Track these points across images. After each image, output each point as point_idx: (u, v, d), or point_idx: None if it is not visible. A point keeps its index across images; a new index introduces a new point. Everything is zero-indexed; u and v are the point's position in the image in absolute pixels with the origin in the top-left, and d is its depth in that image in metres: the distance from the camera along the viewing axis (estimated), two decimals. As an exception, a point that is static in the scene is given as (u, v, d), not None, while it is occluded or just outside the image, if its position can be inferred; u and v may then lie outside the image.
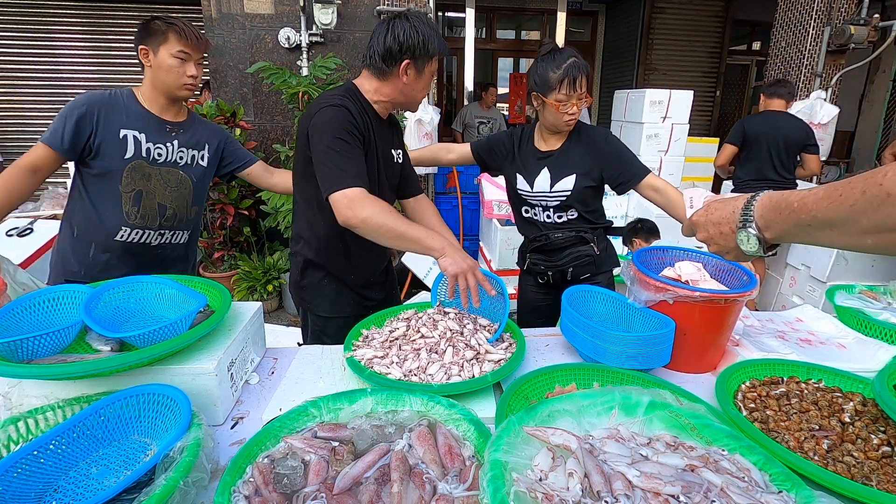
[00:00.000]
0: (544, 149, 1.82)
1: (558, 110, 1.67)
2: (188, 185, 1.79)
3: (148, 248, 1.75)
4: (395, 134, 1.70)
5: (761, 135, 3.43)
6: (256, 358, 1.33)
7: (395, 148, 1.68)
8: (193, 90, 1.72)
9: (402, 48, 1.44)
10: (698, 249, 1.51)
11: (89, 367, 0.94)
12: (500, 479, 0.69)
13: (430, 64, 1.51)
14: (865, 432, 0.99)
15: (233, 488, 0.79)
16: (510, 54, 8.62)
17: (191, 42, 1.64)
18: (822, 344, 1.43)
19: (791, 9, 4.74)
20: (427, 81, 1.55)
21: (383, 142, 1.59)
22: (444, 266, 1.33)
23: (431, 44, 1.46)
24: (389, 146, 1.65)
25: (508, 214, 3.92)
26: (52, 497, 0.82)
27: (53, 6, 6.07)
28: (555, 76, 1.63)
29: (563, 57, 1.63)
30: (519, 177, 1.86)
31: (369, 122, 1.51)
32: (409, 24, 1.44)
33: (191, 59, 1.66)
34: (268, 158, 4.51)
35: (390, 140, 1.66)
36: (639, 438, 0.87)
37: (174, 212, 1.76)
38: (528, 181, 1.84)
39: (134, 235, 1.70)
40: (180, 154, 1.75)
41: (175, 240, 1.82)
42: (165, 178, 1.72)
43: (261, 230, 4.22)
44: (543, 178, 1.80)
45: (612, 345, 1.20)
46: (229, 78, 4.44)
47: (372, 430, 0.94)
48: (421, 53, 1.46)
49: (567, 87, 1.63)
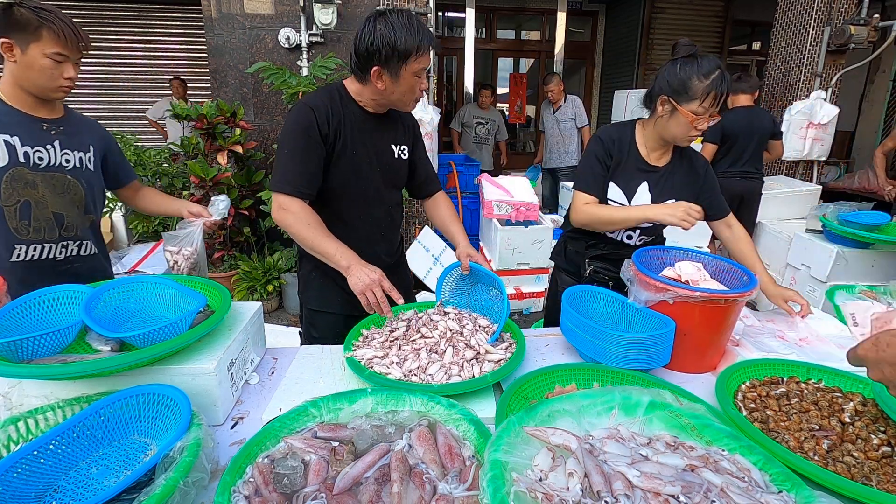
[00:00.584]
0: (650, 162, 1.66)
1: (692, 123, 1.49)
2: (79, 191, 1.56)
3: (56, 263, 1.54)
4: (398, 130, 1.64)
5: (736, 130, 3.68)
6: (256, 358, 1.33)
7: (396, 143, 1.63)
8: (69, 91, 1.50)
9: (369, 54, 1.38)
10: (698, 249, 1.51)
11: (89, 367, 0.94)
12: (500, 479, 0.69)
13: (408, 65, 1.39)
14: (865, 432, 0.99)
15: (233, 488, 0.79)
16: (510, 54, 8.62)
17: (70, 44, 1.42)
18: (822, 344, 1.43)
19: (791, 9, 4.74)
20: (409, 83, 1.43)
21: (373, 137, 1.56)
22: (351, 284, 1.33)
23: (402, 43, 1.35)
24: (388, 141, 1.61)
25: (508, 214, 3.92)
26: (52, 497, 0.82)
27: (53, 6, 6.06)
28: (699, 85, 1.45)
29: (710, 65, 1.46)
30: (613, 186, 1.66)
31: (344, 121, 1.48)
32: (379, 25, 1.35)
33: (68, 61, 1.44)
34: (268, 158, 4.52)
35: (389, 135, 1.61)
36: (639, 438, 0.87)
37: (71, 221, 1.56)
38: (625, 193, 1.65)
39: (33, 252, 1.49)
40: (65, 157, 1.53)
41: (83, 251, 1.62)
42: (52, 184, 1.50)
43: (261, 230, 4.22)
44: (642, 195, 1.64)
45: (612, 345, 1.20)
46: (229, 78, 4.44)
47: (372, 430, 0.94)
48: (389, 57, 1.37)
49: (710, 101, 1.46)
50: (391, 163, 1.63)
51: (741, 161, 3.71)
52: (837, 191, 5.62)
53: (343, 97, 1.51)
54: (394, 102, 1.51)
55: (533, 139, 9.00)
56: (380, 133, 1.58)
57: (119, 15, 6.17)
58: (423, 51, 1.39)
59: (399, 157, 1.65)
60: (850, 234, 2.71)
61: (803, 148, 4.59)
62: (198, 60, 6.30)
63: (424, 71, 1.44)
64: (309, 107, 1.44)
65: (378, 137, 1.58)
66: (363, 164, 1.55)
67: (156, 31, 6.31)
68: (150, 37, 6.31)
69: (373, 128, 1.55)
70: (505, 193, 3.99)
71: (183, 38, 6.36)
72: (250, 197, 4.18)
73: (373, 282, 1.30)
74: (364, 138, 1.54)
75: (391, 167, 1.63)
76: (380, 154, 1.59)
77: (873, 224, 2.66)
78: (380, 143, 1.59)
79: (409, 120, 1.70)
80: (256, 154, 4.43)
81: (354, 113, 1.52)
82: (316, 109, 1.44)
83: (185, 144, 4.07)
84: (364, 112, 1.53)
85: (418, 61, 1.40)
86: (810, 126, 4.51)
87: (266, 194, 3.73)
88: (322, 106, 1.45)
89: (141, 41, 6.30)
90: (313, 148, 1.45)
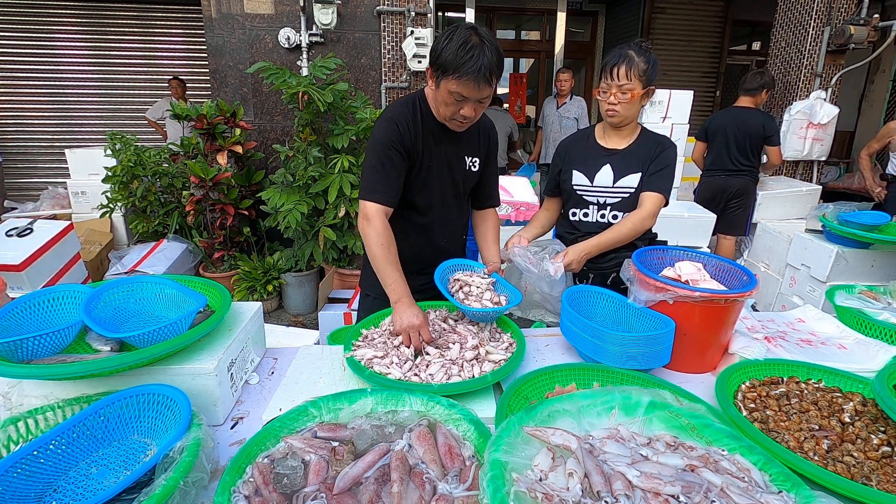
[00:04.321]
0: (608, 146, 1.78)
1: (598, 97, 1.69)
2: None
3: None
4: (473, 141, 1.68)
5: (719, 128, 3.81)
6: (256, 358, 1.33)
7: (470, 155, 1.67)
8: None
9: (430, 52, 1.46)
10: (698, 249, 1.51)
11: (89, 367, 0.94)
12: (500, 479, 0.69)
13: (446, 80, 1.39)
14: (865, 432, 0.99)
15: (233, 488, 0.79)
16: (510, 54, 8.61)
17: None
18: (822, 345, 1.43)
19: (791, 9, 4.74)
20: (443, 98, 1.44)
21: (448, 148, 1.61)
22: (394, 318, 1.37)
23: (445, 56, 1.36)
24: (462, 152, 1.65)
25: (508, 215, 3.92)
26: (52, 497, 0.82)
27: (53, 6, 6.06)
28: (604, 63, 1.67)
29: (621, 46, 1.64)
30: (576, 173, 1.80)
31: (420, 132, 1.55)
32: (451, 34, 1.38)
33: None
34: (268, 158, 4.52)
35: (463, 146, 1.65)
36: (639, 438, 0.87)
37: None
38: (587, 175, 1.78)
39: None
40: None
41: None
42: None
43: (261, 230, 4.21)
44: (605, 174, 1.75)
45: (613, 345, 1.20)
46: (229, 78, 4.44)
47: (372, 430, 0.94)
48: (434, 63, 1.42)
49: (606, 74, 1.64)
50: (463, 174, 1.68)
51: (723, 158, 3.83)
52: (837, 191, 5.62)
53: (422, 110, 1.57)
54: (437, 110, 1.53)
55: (533, 139, 8.99)
56: (455, 145, 1.63)
57: (119, 15, 6.16)
58: (462, 75, 1.36)
59: (469, 169, 1.69)
60: (850, 234, 2.71)
61: (803, 148, 4.60)
62: (198, 60, 6.29)
63: (463, 97, 1.41)
64: (395, 122, 1.52)
65: (452, 150, 1.63)
66: (434, 176, 1.61)
67: (156, 31, 6.30)
68: (150, 37, 6.30)
69: (448, 140, 1.61)
70: (505, 193, 3.98)
71: (183, 38, 6.35)
72: (250, 197, 4.18)
73: (412, 326, 1.31)
74: (439, 151, 1.60)
75: (464, 177, 1.68)
76: (452, 166, 1.64)
77: (873, 224, 2.66)
78: (453, 155, 1.63)
79: (487, 130, 1.72)
80: (256, 154, 4.43)
81: (432, 127, 1.57)
82: (399, 125, 1.52)
83: (185, 144, 4.07)
84: (440, 125, 1.57)
85: (457, 83, 1.38)
86: (810, 126, 4.51)
87: (266, 194, 3.73)
88: (404, 121, 1.53)
89: (141, 41, 6.29)
90: (399, 161, 1.53)
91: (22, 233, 3.29)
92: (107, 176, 4.27)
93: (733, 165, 3.80)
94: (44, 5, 6.04)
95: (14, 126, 6.27)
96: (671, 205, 2.96)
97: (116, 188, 4.29)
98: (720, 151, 3.83)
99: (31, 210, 5.03)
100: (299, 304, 4.04)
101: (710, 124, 3.88)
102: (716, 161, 3.88)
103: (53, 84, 6.25)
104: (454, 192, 1.68)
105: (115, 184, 4.27)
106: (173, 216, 4.35)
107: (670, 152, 1.74)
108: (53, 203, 5.09)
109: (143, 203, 4.36)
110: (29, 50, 6.13)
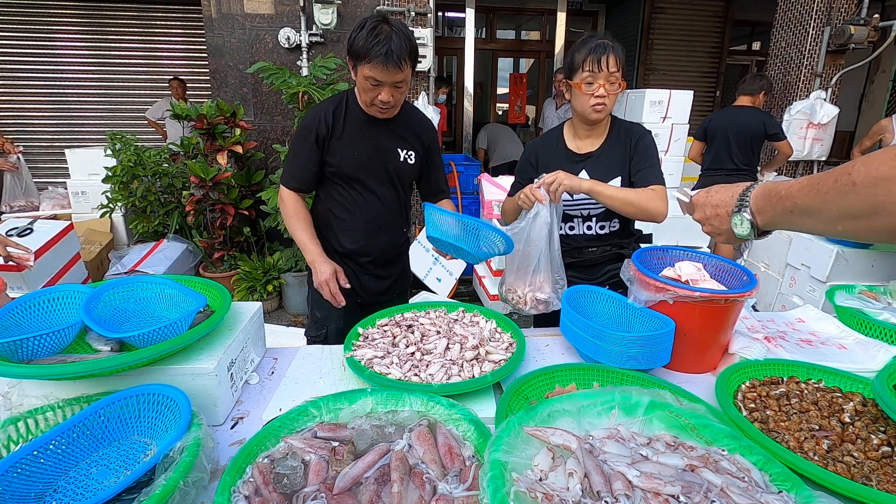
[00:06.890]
0: (581, 151, 1.68)
1: (582, 91, 1.54)
2: None
3: None
4: (409, 137, 1.77)
5: (718, 127, 3.80)
6: (256, 358, 1.33)
7: (404, 148, 1.76)
8: None
9: (347, 43, 1.56)
10: (698, 249, 1.51)
11: (89, 367, 0.94)
12: (500, 480, 0.69)
13: (361, 67, 1.51)
14: (865, 432, 0.99)
15: (233, 488, 0.79)
16: (510, 54, 8.62)
17: None
18: (822, 345, 1.43)
19: (791, 9, 4.74)
20: (361, 84, 1.55)
21: (376, 139, 1.70)
22: (314, 277, 1.61)
23: (356, 45, 1.49)
24: (395, 145, 1.74)
25: (508, 214, 3.91)
26: (52, 497, 0.82)
27: (53, 6, 6.06)
28: (580, 56, 1.54)
29: (592, 39, 1.55)
30: None
31: (345, 122, 1.66)
32: (364, 24, 1.49)
33: None
34: (268, 158, 4.51)
35: (397, 140, 1.74)
36: (639, 438, 0.86)
37: None
38: None
39: None
40: None
41: None
42: None
43: (261, 230, 4.22)
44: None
45: (613, 345, 1.20)
46: (229, 78, 4.44)
47: (372, 430, 0.93)
48: (350, 51, 1.52)
49: (592, 65, 1.51)
50: (396, 165, 1.76)
51: (723, 158, 3.84)
52: (837, 191, 5.60)
53: (350, 102, 1.69)
54: (360, 98, 1.64)
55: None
56: (385, 136, 1.72)
57: (119, 15, 6.16)
58: (371, 60, 1.46)
59: (406, 161, 1.77)
60: (850, 234, 2.71)
61: (803, 148, 4.60)
62: (198, 60, 6.29)
63: (378, 81, 1.51)
64: (314, 111, 1.66)
65: (382, 139, 1.72)
66: (363, 162, 1.70)
67: (156, 31, 6.30)
68: (150, 37, 6.30)
69: (377, 132, 1.70)
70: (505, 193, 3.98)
71: (183, 38, 6.35)
72: (250, 197, 4.18)
73: (331, 275, 1.51)
74: (365, 139, 1.69)
75: (396, 168, 1.76)
76: (382, 155, 1.73)
77: (873, 224, 2.65)
78: (384, 146, 1.73)
79: (426, 132, 1.81)
80: (256, 154, 4.43)
81: (358, 117, 1.69)
82: (318, 113, 1.65)
83: (185, 144, 4.07)
84: (367, 116, 1.68)
85: (369, 68, 1.49)
86: (810, 126, 4.51)
87: (266, 194, 3.73)
88: (324, 110, 1.66)
89: (141, 41, 6.29)
90: (310, 149, 1.67)
91: (22, 233, 3.29)
92: (107, 176, 4.28)
93: (733, 165, 3.81)
94: (44, 5, 6.04)
95: (14, 126, 6.27)
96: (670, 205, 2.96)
97: (116, 188, 4.29)
98: (720, 151, 3.83)
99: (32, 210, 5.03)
100: (299, 304, 4.04)
101: (709, 124, 3.88)
102: (715, 161, 3.88)
103: (53, 84, 6.25)
104: (388, 179, 1.77)
105: (115, 184, 4.27)
106: (173, 216, 4.35)
107: (646, 139, 1.66)
108: (53, 203, 5.10)
109: (143, 203, 4.36)
110: (29, 50, 6.14)
